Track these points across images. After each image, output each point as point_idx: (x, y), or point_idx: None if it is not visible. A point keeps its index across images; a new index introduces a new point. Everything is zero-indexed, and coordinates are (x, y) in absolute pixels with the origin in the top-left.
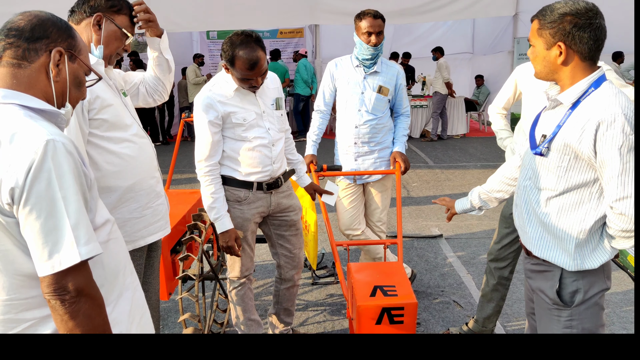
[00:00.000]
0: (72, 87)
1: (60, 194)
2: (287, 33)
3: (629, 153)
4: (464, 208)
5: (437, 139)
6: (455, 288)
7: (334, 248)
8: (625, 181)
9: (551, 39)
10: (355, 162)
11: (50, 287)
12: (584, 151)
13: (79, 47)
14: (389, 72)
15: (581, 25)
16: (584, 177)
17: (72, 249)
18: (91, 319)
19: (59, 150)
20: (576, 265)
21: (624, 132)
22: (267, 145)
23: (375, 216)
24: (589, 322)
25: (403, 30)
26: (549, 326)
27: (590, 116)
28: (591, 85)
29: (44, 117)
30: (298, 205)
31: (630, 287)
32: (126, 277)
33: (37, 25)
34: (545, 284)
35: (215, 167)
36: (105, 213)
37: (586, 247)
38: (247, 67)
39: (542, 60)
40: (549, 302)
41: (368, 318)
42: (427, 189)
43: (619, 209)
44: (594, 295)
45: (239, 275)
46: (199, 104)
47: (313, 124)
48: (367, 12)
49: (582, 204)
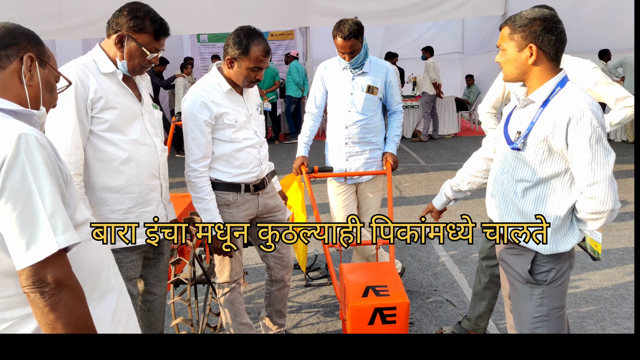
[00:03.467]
0: (45, 91)
1: (35, 185)
2: (278, 35)
3: (597, 144)
4: (441, 202)
5: (428, 139)
6: (447, 287)
7: (326, 249)
8: (594, 168)
9: (523, 42)
10: (347, 162)
11: (29, 280)
12: (557, 144)
13: (48, 54)
14: (378, 71)
15: (550, 29)
16: (556, 168)
17: (49, 239)
18: (72, 310)
19: (32, 143)
20: (551, 249)
21: (592, 125)
22: (256, 147)
23: (368, 217)
24: (558, 301)
25: (393, 31)
26: (522, 305)
27: (560, 112)
28: (557, 84)
29: (17, 118)
30: (283, 204)
31: (620, 282)
32: (110, 278)
33: (6, 33)
34: (518, 265)
35: (207, 169)
36: (86, 213)
37: (559, 232)
38: (263, 54)
39: (514, 62)
40: (521, 282)
41: (360, 318)
42: (419, 189)
43: (589, 194)
44: (563, 274)
45: (228, 280)
46: (191, 105)
47: (305, 126)
48: (340, 30)
49: (555, 193)
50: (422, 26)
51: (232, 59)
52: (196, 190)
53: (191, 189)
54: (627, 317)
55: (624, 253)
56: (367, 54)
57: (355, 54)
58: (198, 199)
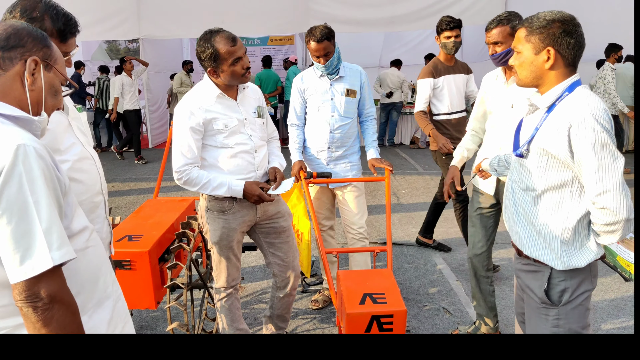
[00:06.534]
0: (48, 96)
1: (32, 198)
2: (278, 40)
3: (603, 150)
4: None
5: (426, 146)
6: (444, 295)
7: (324, 256)
8: (602, 177)
9: (540, 44)
10: (327, 166)
11: (22, 294)
12: (560, 151)
13: (55, 56)
14: (353, 75)
15: (569, 31)
16: (562, 177)
17: (44, 254)
18: (65, 325)
19: (30, 154)
20: (563, 264)
21: (595, 130)
22: (250, 152)
23: (355, 222)
24: (575, 322)
25: (393, 38)
26: (537, 325)
27: (562, 119)
28: (565, 89)
29: (17, 124)
30: (287, 211)
31: (617, 292)
32: (107, 285)
33: (12, 34)
34: (534, 284)
35: (197, 163)
36: (83, 220)
37: (572, 245)
38: (231, 44)
39: (530, 65)
40: (537, 301)
41: (357, 326)
42: (417, 196)
43: (600, 203)
44: (580, 294)
45: (225, 285)
46: (180, 112)
47: (292, 136)
48: (312, 35)
49: (563, 203)
50: (422, 33)
51: (212, 69)
52: (194, 183)
53: (189, 186)
54: (624, 328)
55: None
56: (340, 58)
57: (329, 57)
58: (202, 187)
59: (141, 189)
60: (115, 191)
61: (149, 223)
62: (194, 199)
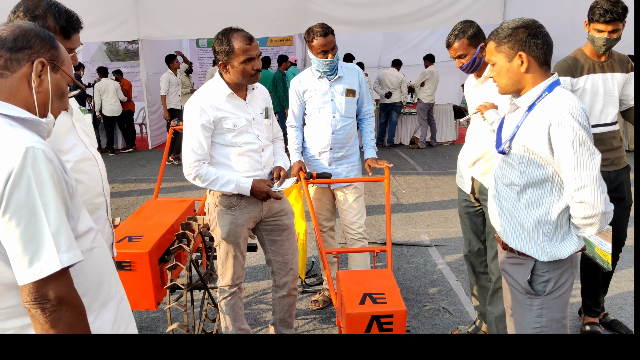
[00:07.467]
0: (55, 97)
1: (40, 201)
2: (277, 41)
3: (581, 147)
4: None
5: (426, 146)
6: (444, 295)
7: (324, 256)
8: (581, 173)
9: (511, 51)
10: (329, 167)
11: (30, 296)
12: (540, 149)
13: (62, 58)
14: (351, 74)
15: (534, 34)
16: (542, 173)
17: (52, 257)
18: (72, 327)
19: (39, 157)
20: (547, 256)
21: (573, 128)
22: (257, 151)
23: (355, 222)
24: (557, 312)
25: (392, 38)
26: (522, 316)
27: (542, 117)
28: (545, 89)
29: (24, 125)
30: (290, 209)
31: (617, 290)
32: (111, 286)
33: (20, 35)
34: (518, 275)
35: (207, 159)
36: (88, 221)
37: (555, 238)
38: (247, 42)
39: (507, 72)
40: (521, 292)
41: (357, 326)
42: (417, 196)
43: (579, 198)
44: (562, 284)
45: (230, 284)
46: (191, 109)
47: (290, 137)
48: (316, 32)
49: (544, 197)
50: (420, 33)
51: (224, 63)
52: (203, 179)
53: (198, 181)
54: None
55: (619, 262)
56: (338, 57)
57: (335, 50)
58: (211, 183)
59: (141, 190)
60: (115, 192)
61: (148, 224)
62: (194, 200)
